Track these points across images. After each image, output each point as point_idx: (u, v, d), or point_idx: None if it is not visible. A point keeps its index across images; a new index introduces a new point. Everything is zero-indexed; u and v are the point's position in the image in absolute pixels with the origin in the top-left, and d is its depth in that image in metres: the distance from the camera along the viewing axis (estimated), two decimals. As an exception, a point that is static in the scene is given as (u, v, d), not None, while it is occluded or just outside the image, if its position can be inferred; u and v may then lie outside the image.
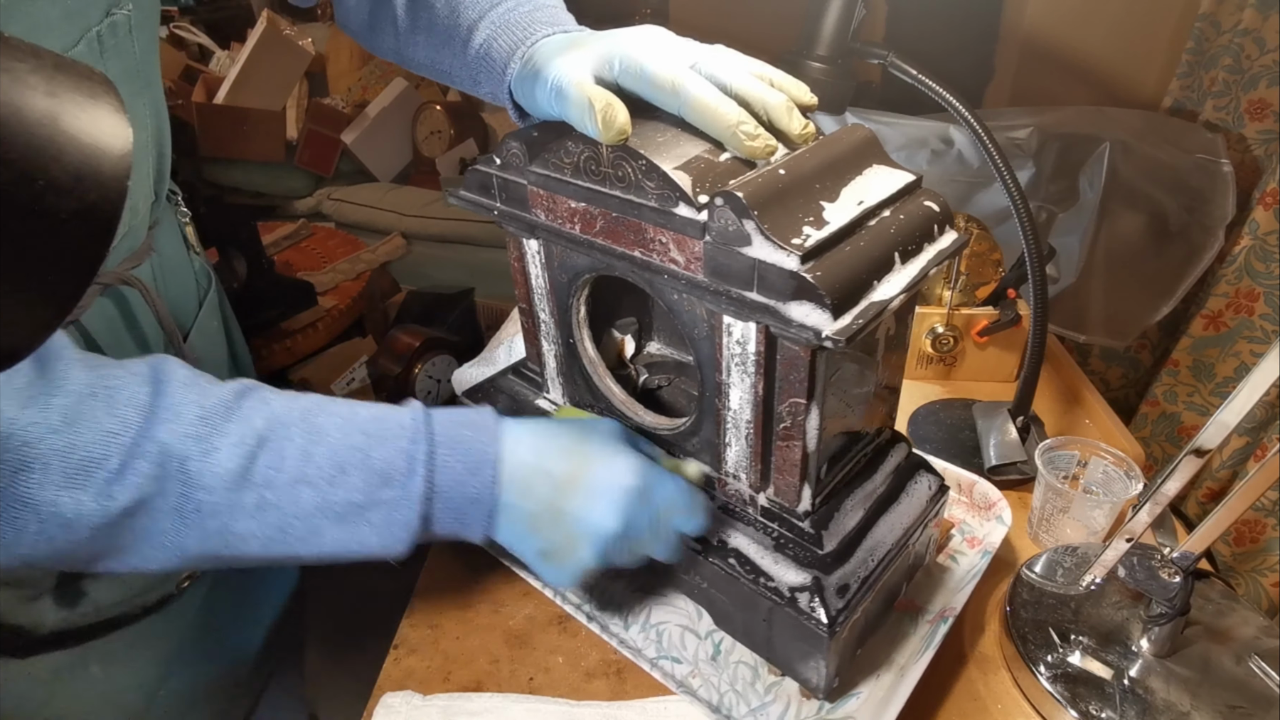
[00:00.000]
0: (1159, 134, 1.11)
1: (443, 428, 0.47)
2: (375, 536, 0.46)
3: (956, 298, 0.89)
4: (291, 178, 2.32)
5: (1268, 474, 0.46)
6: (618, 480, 0.49)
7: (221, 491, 0.42)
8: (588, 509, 0.48)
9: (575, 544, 0.49)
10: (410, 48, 0.60)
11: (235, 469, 0.42)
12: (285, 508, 0.43)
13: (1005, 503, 0.68)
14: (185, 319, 0.66)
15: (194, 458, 0.41)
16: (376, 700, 0.57)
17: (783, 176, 0.44)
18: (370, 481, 0.45)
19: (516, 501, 0.48)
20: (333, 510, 0.44)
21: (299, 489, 0.43)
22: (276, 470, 0.43)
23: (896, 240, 0.44)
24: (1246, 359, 1.13)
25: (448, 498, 0.47)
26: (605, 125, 0.43)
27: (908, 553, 0.56)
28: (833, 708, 0.54)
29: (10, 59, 0.22)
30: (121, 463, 0.39)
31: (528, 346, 0.64)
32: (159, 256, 0.61)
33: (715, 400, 0.50)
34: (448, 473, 0.46)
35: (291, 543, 0.44)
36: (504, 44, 0.53)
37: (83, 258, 0.24)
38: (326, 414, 0.45)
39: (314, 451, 0.44)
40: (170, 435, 0.40)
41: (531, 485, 0.48)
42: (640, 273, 0.49)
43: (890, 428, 0.59)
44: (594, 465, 0.49)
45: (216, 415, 0.42)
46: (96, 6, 0.47)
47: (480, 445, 0.48)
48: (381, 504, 0.45)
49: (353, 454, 0.45)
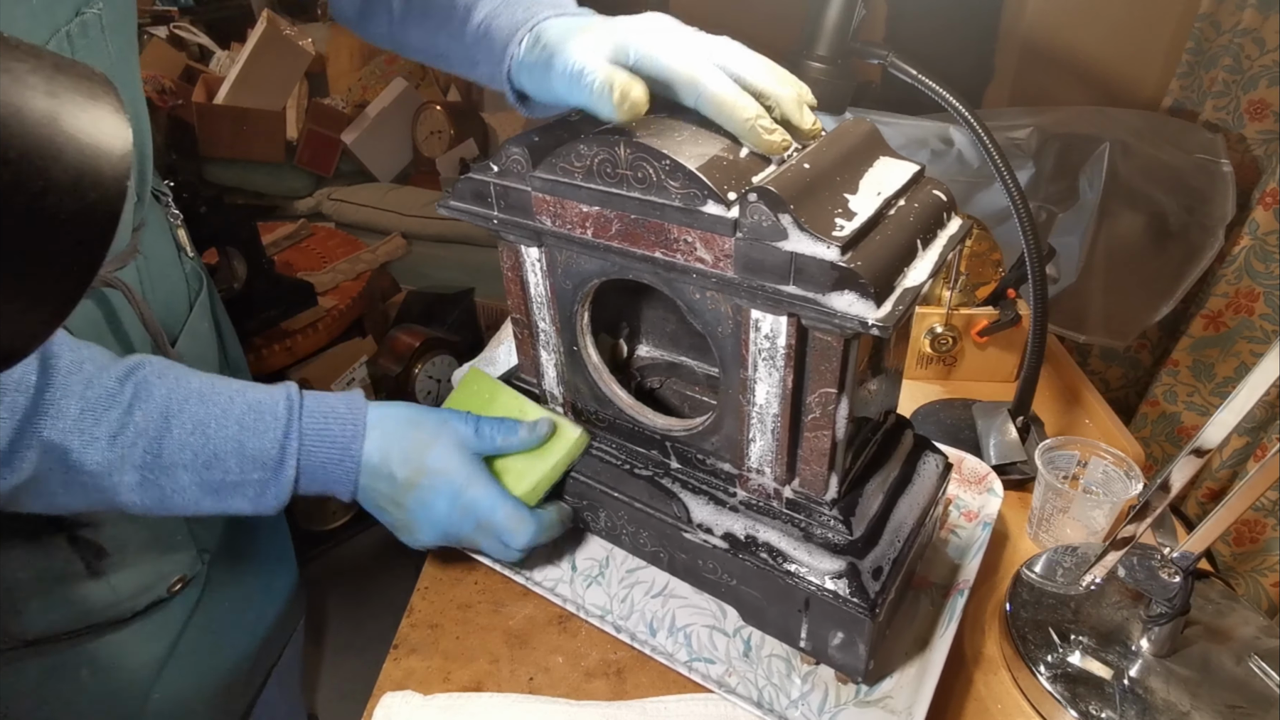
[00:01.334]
0: (1159, 134, 1.11)
1: (312, 420, 0.53)
2: (249, 505, 0.52)
3: (956, 298, 0.89)
4: (291, 178, 2.32)
5: (1268, 474, 0.46)
6: (444, 495, 0.56)
7: (102, 475, 0.47)
8: (417, 511, 0.56)
9: (415, 529, 0.58)
10: (405, 31, 0.59)
11: (114, 458, 0.46)
12: (164, 485, 0.49)
13: (995, 475, 0.70)
14: (174, 322, 0.65)
15: (74, 450, 0.45)
16: (376, 700, 0.57)
17: (808, 170, 0.44)
18: (244, 466, 0.50)
19: (369, 485, 0.55)
20: (209, 486, 0.50)
21: (176, 471, 0.49)
22: (155, 456, 0.48)
23: (917, 228, 0.45)
24: (1246, 359, 1.13)
25: (313, 478, 0.53)
26: (621, 101, 0.43)
27: (926, 530, 0.56)
28: (870, 690, 0.55)
29: (10, 59, 0.22)
30: (8, 449, 0.43)
31: (521, 357, 0.63)
32: (145, 259, 0.61)
33: (739, 396, 0.50)
34: (313, 458, 0.53)
35: (172, 508, 0.50)
36: (504, 24, 0.52)
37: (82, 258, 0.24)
38: (206, 402, 0.50)
39: (190, 441, 0.49)
40: (52, 430, 0.44)
41: (377, 480, 0.55)
42: (662, 274, 0.49)
43: (895, 412, 0.60)
44: (425, 477, 0.56)
45: (99, 407, 0.46)
46: (65, 6, 0.46)
47: (344, 440, 0.54)
48: (253, 482, 0.51)
49: (228, 443, 0.50)
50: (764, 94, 0.46)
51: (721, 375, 0.51)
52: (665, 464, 0.58)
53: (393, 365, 1.60)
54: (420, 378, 1.61)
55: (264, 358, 1.55)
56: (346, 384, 1.75)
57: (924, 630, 0.58)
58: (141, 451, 0.47)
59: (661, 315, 0.68)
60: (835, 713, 0.54)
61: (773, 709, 0.54)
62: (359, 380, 1.76)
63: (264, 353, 1.55)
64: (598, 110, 0.45)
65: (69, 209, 0.23)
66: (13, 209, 0.21)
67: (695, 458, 0.57)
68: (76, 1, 0.47)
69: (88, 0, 0.48)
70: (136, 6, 0.57)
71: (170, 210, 0.68)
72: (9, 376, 0.43)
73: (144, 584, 0.61)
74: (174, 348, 0.63)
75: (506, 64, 0.52)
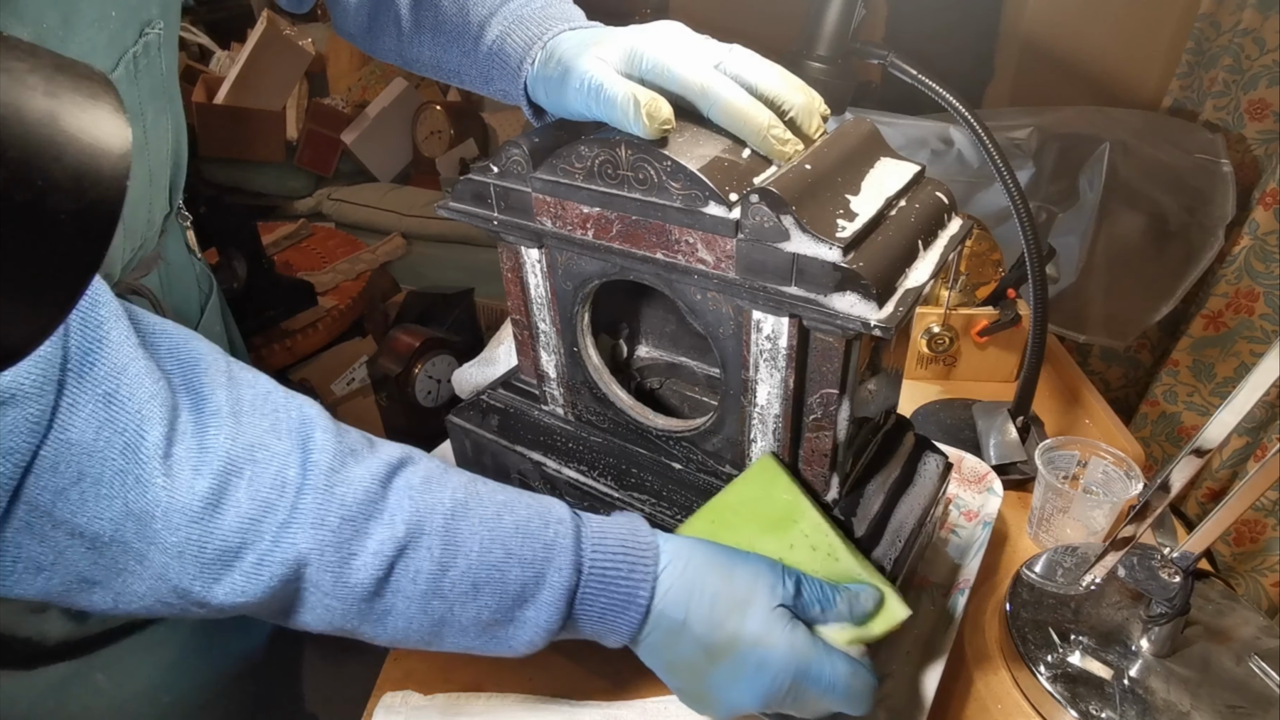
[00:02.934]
0: (1159, 134, 1.11)
1: (594, 555, 0.44)
2: (497, 646, 0.44)
3: (956, 298, 0.89)
4: (291, 178, 2.32)
5: (1268, 474, 0.46)
6: (768, 671, 0.44)
7: (353, 602, 0.40)
8: (727, 686, 0.45)
9: (713, 704, 0.46)
10: (414, 48, 0.59)
11: (369, 583, 0.40)
12: (412, 616, 0.41)
13: (994, 475, 0.70)
14: (189, 325, 0.65)
15: (330, 569, 0.39)
16: (376, 700, 0.57)
17: (810, 171, 0.44)
18: (504, 604, 0.42)
19: (659, 645, 0.45)
20: (458, 624, 0.42)
21: (430, 601, 0.41)
22: (411, 583, 0.41)
23: (917, 229, 0.45)
24: (1246, 359, 1.13)
25: (584, 625, 0.44)
26: (650, 119, 0.43)
27: (926, 530, 0.56)
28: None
29: (10, 59, 0.22)
30: (258, 560, 0.37)
31: (522, 359, 0.63)
32: (165, 264, 0.61)
33: (740, 398, 0.50)
34: (590, 606, 0.43)
35: (411, 642, 0.43)
36: (518, 40, 0.52)
37: (82, 258, 0.24)
38: (470, 518, 0.42)
39: (451, 566, 0.41)
40: (310, 543, 0.38)
41: (676, 642, 0.45)
42: (663, 275, 0.49)
43: (895, 412, 0.60)
44: (747, 644, 0.44)
45: (360, 516, 0.39)
46: (132, 28, 0.46)
47: (630, 586, 0.44)
48: (510, 623, 0.43)
49: (491, 573, 0.42)
50: (774, 101, 0.46)
51: (722, 376, 0.51)
52: (667, 465, 0.58)
53: (393, 365, 1.60)
54: (420, 378, 1.61)
55: (264, 358, 1.56)
56: (347, 384, 1.75)
57: (925, 630, 0.58)
58: (398, 575, 0.40)
59: (661, 316, 0.68)
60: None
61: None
62: (359, 380, 1.76)
63: (264, 353, 1.55)
64: (623, 126, 0.44)
65: (69, 208, 0.23)
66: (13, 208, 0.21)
67: (696, 458, 0.57)
68: (141, 24, 0.47)
69: (150, 22, 0.48)
70: (180, 23, 0.57)
71: (181, 212, 0.68)
72: (268, 469, 0.37)
73: None
74: None
75: (522, 80, 0.52)
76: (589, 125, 0.50)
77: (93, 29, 0.42)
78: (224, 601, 0.37)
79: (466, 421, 0.65)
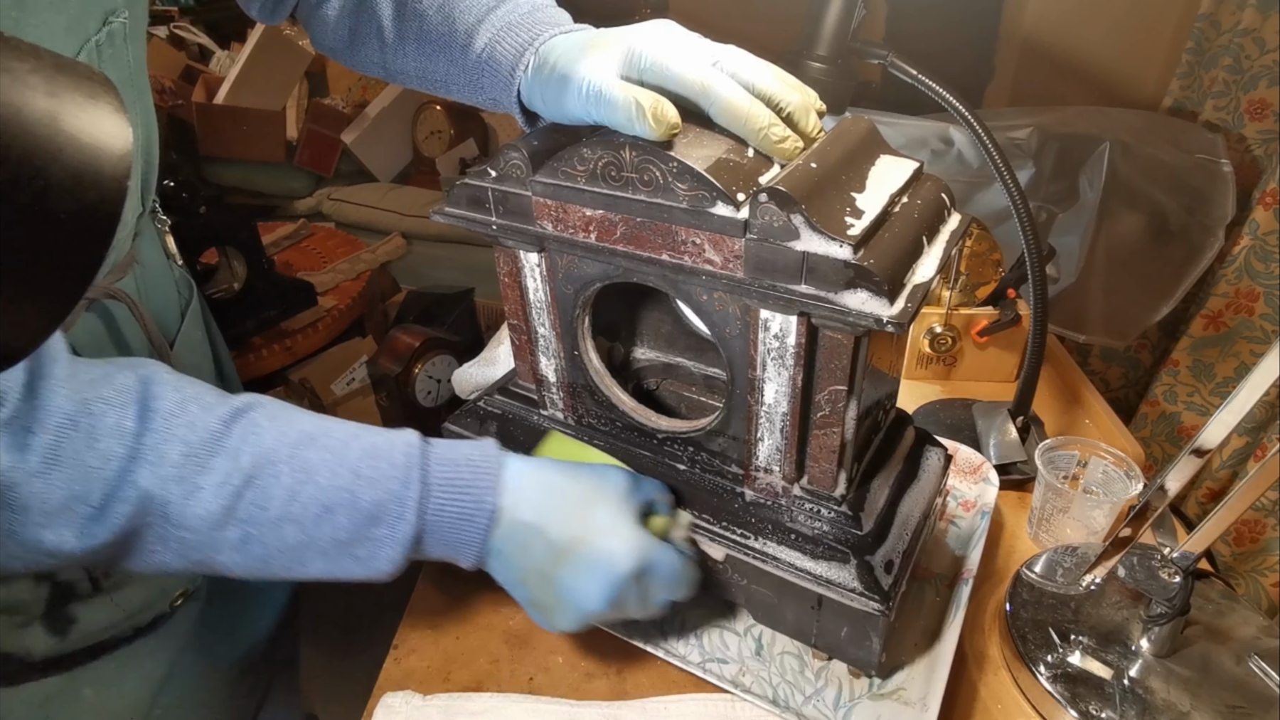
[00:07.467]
0: (1159, 134, 1.11)
1: (439, 468, 0.46)
2: (360, 568, 0.46)
3: (956, 298, 0.89)
4: (291, 178, 2.32)
5: (1268, 474, 0.46)
6: (614, 563, 0.48)
7: (204, 531, 0.42)
8: (577, 584, 0.48)
9: (561, 608, 0.49)
10: (398, 59, 0.58)
11: (218, 510, 0.41)
12: (269, 543, 0.43)
13: (989, 465, 0.70)
14: (169, 331, 0.64)
15: (175, 501, 0.41)
16: (376, 700, 0.57)
17: (815, 170, 0.44)
18: (357, 521, 0.44)
19: (509, 552, 0.48)
20: (317, 546, 0.44)
21: (283, 526, 0.43)
22: (261, 509, 0.43)
23: (921, 224, 0.46)
24: (1246, 359, 1.13)
25: (437, 538, 0.46)
26: (657, 122, 0.43)
27: (929, 523, 0.57)
28: (883, 683, 0.55)
29: (10, 59, 0.22)
30: (102, 501, 0.39)
31: (519, 364, 0.62)
32: (142, 268, 0.60)
33: (747, 397, 0.50)
34: (440, 516, 0.46)
35: (275, 570, 0.45)
36: (509, 47, 0.51)
37: (82, 258, 0.24)
38: (318, 448, 0.44)
39: (301, 491, 0.43)
40: (152, 479, 0.40)
41: (527, 544, 0.48)
42: (668, 276, 0.49)
43: (896, 407, 0.60)
44: (593, 540, 0.48)
45: (202, 451, 0.41)
46: (94, 16, 0.46)
47: (477, 492, 0.46)
48: (367, 540, 0.45)
49: (341, 494, 0.44)
50: (772, 100, 0.46)
51: (729, 375, 0.51)
52: (670, 466, 0.58)
53: (393, 365, 1.60)
54: (420, 378, 1.61)
55: (264, 358, 1.55)
56: (347, 384, 1.75)
57: (931, 621, 0.59)
58: (247, 503, 0.42)
59: (658, 317, 0.68)
60: (850, 707, 0.54)
61: (789, 706, 0.54)
62: (359, 380, 1.76)
63: (264, 353, 1.55)
64: (626, 129, 0.44)
65: (69, 208, 0.23)
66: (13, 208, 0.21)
67: (700, 458, 0.57)
68: (104, 12, 0.47)
69: (114, 10, 0.48)
70: (148, 15, 0.57)
71: (159, 216, 0.67)
72: (103, 421, 0.39)
73: (148, 599, 0.60)
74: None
75: (515, 86, 0.52)
76: (587, 128, 0.50)
77: (49, 12, 0.42)
78: (76, 547, 0.39)
79: (464, 429, 0.65)
